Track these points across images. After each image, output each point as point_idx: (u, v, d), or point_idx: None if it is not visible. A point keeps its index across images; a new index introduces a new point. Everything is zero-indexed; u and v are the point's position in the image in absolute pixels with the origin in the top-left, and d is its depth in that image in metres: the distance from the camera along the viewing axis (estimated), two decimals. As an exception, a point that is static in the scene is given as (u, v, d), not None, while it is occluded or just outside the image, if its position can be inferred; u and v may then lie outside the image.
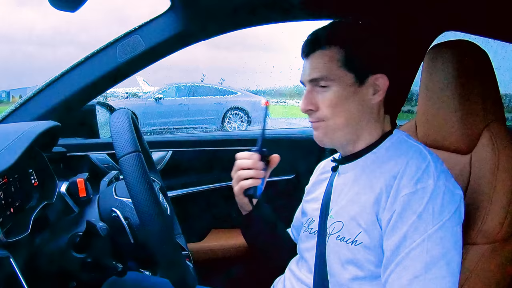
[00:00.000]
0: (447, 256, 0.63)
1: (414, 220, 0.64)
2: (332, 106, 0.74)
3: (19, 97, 5.66)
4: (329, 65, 0.73)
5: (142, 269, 0.85)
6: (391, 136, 0.77)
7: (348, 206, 0.75)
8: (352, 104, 0.74)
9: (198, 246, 1.34)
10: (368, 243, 0.70)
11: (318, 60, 0.75)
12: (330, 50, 0.74)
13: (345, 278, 0.73)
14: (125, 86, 6.45)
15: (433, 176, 0.66)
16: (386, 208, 0.67)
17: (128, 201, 0.75)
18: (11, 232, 0.68)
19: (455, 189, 0.67)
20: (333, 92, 0.73)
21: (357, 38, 0.76)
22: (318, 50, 0.75)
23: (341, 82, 0.73)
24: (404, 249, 0.64)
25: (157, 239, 0.61)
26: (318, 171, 0.96)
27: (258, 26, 1.22)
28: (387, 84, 0.74)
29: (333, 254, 0.75)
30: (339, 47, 0.73)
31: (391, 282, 0.65)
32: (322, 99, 0.75)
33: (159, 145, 1.36)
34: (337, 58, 0.73)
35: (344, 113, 0.74)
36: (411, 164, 0.68)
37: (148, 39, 1.08)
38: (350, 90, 0.73)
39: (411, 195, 0.65)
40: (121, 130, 0.66)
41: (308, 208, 0.90)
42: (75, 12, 0.76)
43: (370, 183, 0.72)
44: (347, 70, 0.73)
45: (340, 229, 0.74)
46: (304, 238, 0.87)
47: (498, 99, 0.80)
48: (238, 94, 6.36)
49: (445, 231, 0.63)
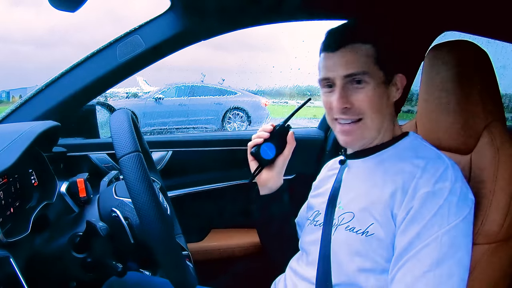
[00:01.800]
0: (457, 255, 0.64)
1: (429, 219, 0.65)
2: (371, 103, 0.74)
3: (19, 97, 5.65)
4: (366, 61, 0.73)
5: (142, 269, 0.85)
6: (408, 136, 0.80)
7: (360, 198, 0.76)
8: (384, 101, 0.76)
9: (198, 246, 1.34)
10: (381, 236, 0.70)
11: (353, 54, 0.73)
12: (364, 46, 0.73)
13: (351, 269, 0.73)
14: (125, 86, 6.44)
15: (451, 178, 0.67)
16: (403, 205, 0.68)
17: (128, 201, 0.75)
18: (11, 232, 0.68)
19: (468, 193, 0.69)
20: (371, 89, 0.73)
21: (388, 37, 0.77)
22: (351, 44, 0.73)
23: (376, 79, 0.73)
24: (416, 246, 0.65)
25: (157, 239, 0.61)
26: (326, 168, 0.97)
27: (258, 26, 1.22)
28: (404, 83, 0.78)
29: (341, 245, 0.75)
30: (372, 44, 0.73)
31: (400, 277, 0.66)
32: (358, 95, 0.74)
33: (159, 145, 1.36)
34: (372, 55, 0.73)
35: (380, 112, 0.75)
36: (431, 165, 0.70)
37: (148, 39, 1.08)
38: (382, 88, 0.75)
39: (429, 194, 0.66)
40: (121, 130, 0.66)
41: (314, 202, 0.91)
42: (75, 12, 0.76)
43: (386, 179, 0.73)
44: (379, 68, 0.73)
45: (350, 220, 0.75)
46: (309, 230, 0.87)
47: (498, 99, 0.80)
48: (238, 94, 6.35)
49: (457, 231, 0.65)
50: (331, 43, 0.75)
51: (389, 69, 0.75)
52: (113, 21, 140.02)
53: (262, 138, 0.89)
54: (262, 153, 0.89)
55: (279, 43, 14.20)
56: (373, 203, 0.72)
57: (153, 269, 0.88)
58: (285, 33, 6.14)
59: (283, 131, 0.90)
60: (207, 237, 1.40)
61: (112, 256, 0.77)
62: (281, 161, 0.91)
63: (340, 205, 0.79)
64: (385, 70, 0.74)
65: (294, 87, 5.37)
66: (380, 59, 0.73)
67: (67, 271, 0.75)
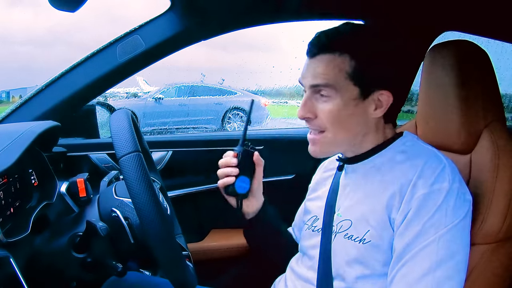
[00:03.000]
0: (455, 257, 0.63)
1: (426, 220, 0.65)
2: (333, 118, 0.71)
3: (19, 97, 5.65)
4: (336, 74, 0.69)
5: (142, 269, 0.85)
6: (402, 138, 0.77)
7: (358, 205, 0.75)
8: (353, 118, 0.71)
9: (198, 246, 1.34)
10: (378, 242, 0.69)
11: (324, 65, 0.70)
12: (340, 57, 0.69)
13: (350, 276, 0.72)
14: (125, 86, 6.43)
15: (448, 179, 0.66)
16: (401, 208, 0.67)
17: (128, 201, 0.75)
18: (11, 232, 0.68)
19: (466, 193, 0.68)
20: (335, 104, 0.70)
21: (370, 51, 0.70)
22: (326, 53, 0.70)
23: (344, 95, 0.69)
24: (414, 248, 0.65)
25: (157, 239, 0.61)
26: (321, 169, 0.96)
27: (258, 26, 1.22)
28: (390, 101, 0.72)
29: (340, 252, 0.75)
30: (350, 57, 0.69)
31: (398, 280, 0.65)
32: (322, 108, 0.71)
33: (159, 145, 1.36)
34: (345, 69, 0.69)
35: (344, 127, 0.72)
36: (428, 166, 0.68)
37: (148, 39, 1.08)
38: (352, 104, 0.70)
39: (426, 195, 0.66)
40: (121, 130, 0.66)
41: (311, 206, 0.90)
42: (75, 12, 0.76)
43: (384, 183, 0.72)
44: (353, 83, 0.69)
45: (348, 227, 0.74)
46: (307, 236, 0.86)
47: (498, 99, 0.80)
48: (238, 94, 6.35)
49: (455, 232, 0.64)
50: (310, 48, 0.72)
51: (368, 84, 0.70)
52: (113, 21, 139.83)
53: (233, 176, 0.83)
54: (237, 190, 0.84)
55: (279, 43, 14.18)
56: (371, 210, 0.71)
57: (153, 269, 0.88)
58: (285, 33, 6.13)
59: (249, 156, 0.85)
60: (207, 237, 1.40)
61: (112, 256, 0.77)
62: (256, 184, 0.87)
63: (339, 212, 0.78)
64: (362, 86, 0.69)
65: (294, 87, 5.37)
66: (357, 73, 0.69)
67: (67, 271, 0.75)
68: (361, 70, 0.69)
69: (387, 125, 0.77)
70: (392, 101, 0.72)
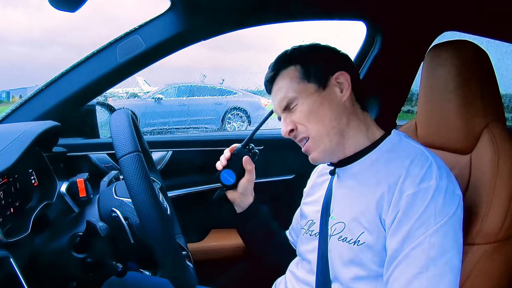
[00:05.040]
0: (447, 254, 0.63)
1: (416, 219, 0.65)
2: (307, 116, 0.77)
3: (19, 97, 5.65)
4: (289, 85, 0.78)
5: (142, 269, 0.85)
6: (389, 137, 0.78)
7: (350, 207, 0.75)
8: (324, 106, 0.77)
9: (198, 246, 1.34)
10: (371, 243, 0.70)
11: (278, 87, 0.80)
12: (287, 71, 0.79)
13: (347, 278, 0.73)
14: (125, 86, 6.43)
15: (435, 176, 0.67)
16: (390, 209, 0.68)
17: (128, 201, 0.75)
18: (11, 232, 0.68)
19: (455, 189, 0.68)
20: (301, 105, 0.77)
21: (308, 51, 0.81)
22: (275, 79, 0.81)
23: (304, 94, 0.77)
24: (406, 247, 0.65)
25: (157, 239, 0.61)
26: (315, 174, 0.97)
27: (258, 26, 1.22)
28: (349, 78, 0.78)
29: (335, 255, 0.75)
30: (294, 64, 0.79)
31: (393, 280, 0.66)
32: (296, 116, 0.78)
33: (159, 145, 1.36)
34: (295, 76, 0.78)
35: (320, 119, 0.77)
36: (414, 165, 0.69)
37: (148, 39, 1.08)
38: (316, 96, 0.77)
39: (414, 195, 0.66)
40: (121, 130, 0.66)
41: (308, 211, 0.91)
42: (75, 12, 0.76)
43: (373, 184, 0.73)
44: (307, 82, 0.78)
45: (341, 230, 0.75)
46: (305, 240, 0.87)
47: (498, 99, 0.80)
48: (238, 94, 6.35)
49: (446, 229, 0.64)
50: (266, 87, 0.85)
51: (319, 76, 0.78)
52: (113, 21, 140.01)
53: (221, 166, 0.92)
54: (222, 179, 0.93)
55: (279, 43, 14.15)
56: (362, 212, 0.72)
57: (153, 269, 0.88)
58: (285, 33, 6.12)
59: (240, 157, 0.92)
60: (207, 237, 1.40)
61: (112, 256, 0.77)
62: (244, 184, 0.93)
63: (332, 215, 0.79)
64: (315, 80, 0.77)
65: (294, 87, 5.35)
66: (304, 72, 0.78)
67: (67, 271, 0.75)
68: (307, 68, 0.78)
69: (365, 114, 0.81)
70: (351, 78, 0.78)
